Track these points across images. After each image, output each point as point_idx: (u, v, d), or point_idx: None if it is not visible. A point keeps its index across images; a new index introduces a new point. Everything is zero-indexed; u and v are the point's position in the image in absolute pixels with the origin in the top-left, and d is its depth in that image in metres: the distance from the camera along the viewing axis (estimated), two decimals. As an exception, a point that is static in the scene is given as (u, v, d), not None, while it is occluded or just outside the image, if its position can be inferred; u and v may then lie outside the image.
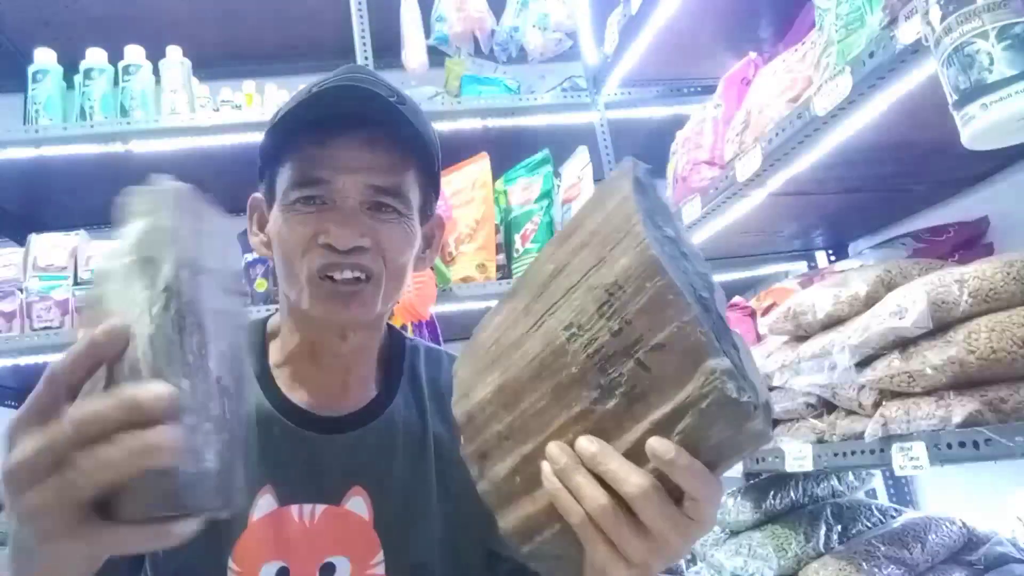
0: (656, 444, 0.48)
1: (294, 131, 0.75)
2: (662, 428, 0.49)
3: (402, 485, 0.81)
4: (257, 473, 0.76)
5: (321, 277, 0.74)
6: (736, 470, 1.35)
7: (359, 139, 0.75)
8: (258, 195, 0.84)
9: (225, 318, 0.53)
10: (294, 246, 0.75)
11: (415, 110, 0.78)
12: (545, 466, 0.52)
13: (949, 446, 0.82)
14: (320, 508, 0.77)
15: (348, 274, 0.74)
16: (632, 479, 0.48)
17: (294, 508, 0.77)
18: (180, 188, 0.52)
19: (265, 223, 0.82)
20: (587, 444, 0.50)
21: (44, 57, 1.87)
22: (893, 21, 0.84)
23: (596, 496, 0.49)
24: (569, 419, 0.52)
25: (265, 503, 0.76)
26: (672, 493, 0.50)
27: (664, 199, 0.58)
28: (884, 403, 0.95)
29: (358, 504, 0.79)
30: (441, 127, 1.85)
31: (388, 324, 0.90)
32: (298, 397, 0.81)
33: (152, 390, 0.43)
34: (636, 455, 0.49)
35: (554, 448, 0.52)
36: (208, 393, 0.48)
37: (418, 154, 0.79)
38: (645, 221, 0.51)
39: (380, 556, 0.78)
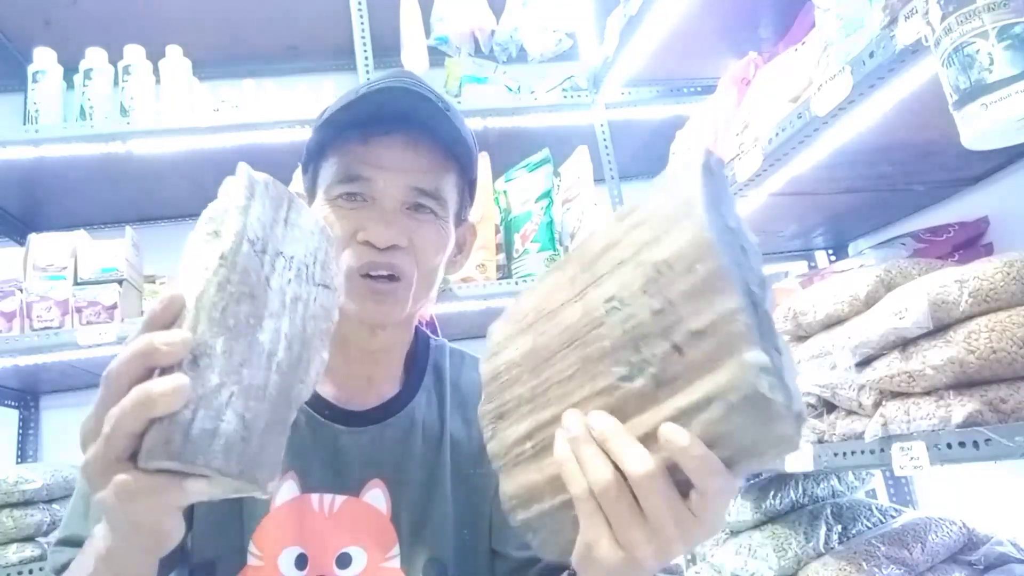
0: (669, 430, 0.46)
1: (340, 128, 0.77)
2: (684, 416, 0.47)
3: (420, 480, 0.82)
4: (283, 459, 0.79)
5: (361, 275, 0.76)
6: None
7: (403, 140, 0.78)
8: (299, 190, 0.86)
9: (299, 304, 0.56)
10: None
11: (458, 115, 0.80)
12: (558, 433, 0.52)
13: (949, 446, 0.82)
14: (340, 499, 0.79)
15: (383, 272, 0.77)
16: (636, 460, 0.47)
17: (315, 497, 0.78)
18: (265, 179, 0.56)
19: None
20: (598, 418, 0.50)
21: (44, 57, 1.87)
22: (893, 21, 0.84)
23: (601, 470, 0.48)
24: (592, 392, 0.51)
25: (288, 489, 0.77)
26: (681, 487, 0.48)
27: (730, 193, 0.55)
28: (884, 403, 0.95)
29: (377, 497, 0.80)
30: (441, 127, 1.85)
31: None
32: (324, 389, 0.83)
33: (167, 335, 0.46)
34: (653, 440, 0.47)
35: (571, 416, 0.51)
36: (247, 361, 0.49)
37: (459, 158, 0.82)
38: (708, 206, 0.48)
39: (396, 549, 0.79)
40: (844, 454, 1.01)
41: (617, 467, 0.48)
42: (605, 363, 0.51)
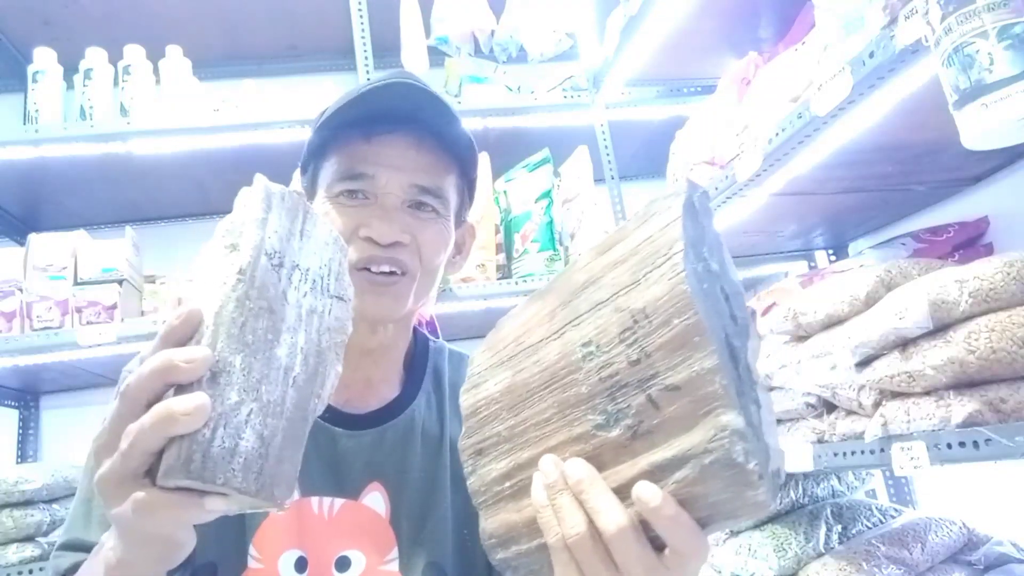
0: (642, 490, 0.46)
1: (342, 127, 0.77)
2: (659, 472, 0.47)
3: (419, 484, 0.82)
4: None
5: (358, 269, 0.76)
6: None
7: (405, 138, 0.78)
8: (298, 189, 0.85)
9: (315, 317, 0.56)
10: None
11: (457, 116, 0.80)
12: (536, 477, 0.52)
13: (949, 446, 0.82)
14: (339, 502, 0.78)
15: (385, 267, 0.77)
16: (610, 515, 0.47)
17: (314, 500, 0.78)
18: (281, 190, 0.56)
19: None
20: (575, 468, 0.50)
21: (44, 57, 1.87)
22: (893, 21, 0.84)
23: (575, 521, 0.48)
24: (569, 438, 0.51)
25: None
26: (656, 540, 0.48)
27: (715, 229, 0.54)
28: (884, 403, 0.95)
29: (376, 500, 0.80)
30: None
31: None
32: None
33: (187, 351, 0.45)
34: (628, 494, 0.48)
35: (548, 462, 0.51)
36: (265, 377, 0.49)
37: (460, 158, 0.82)
38: (688, 251, 0.48)
39: (395, 553, 0.78)
40: (844, 454, 1.01)
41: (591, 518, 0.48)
42: (581, 409, 0.51)
